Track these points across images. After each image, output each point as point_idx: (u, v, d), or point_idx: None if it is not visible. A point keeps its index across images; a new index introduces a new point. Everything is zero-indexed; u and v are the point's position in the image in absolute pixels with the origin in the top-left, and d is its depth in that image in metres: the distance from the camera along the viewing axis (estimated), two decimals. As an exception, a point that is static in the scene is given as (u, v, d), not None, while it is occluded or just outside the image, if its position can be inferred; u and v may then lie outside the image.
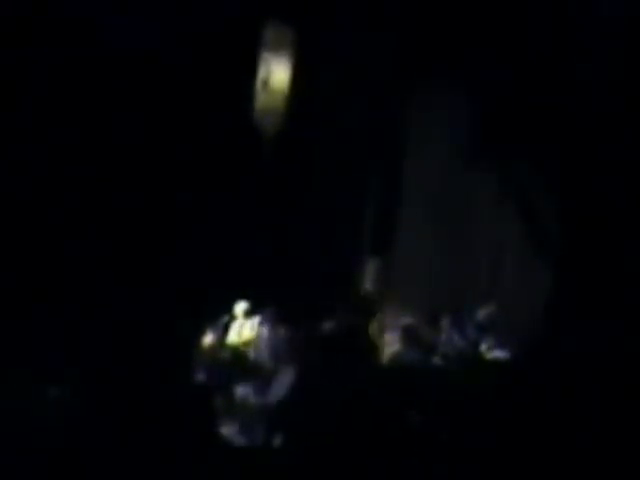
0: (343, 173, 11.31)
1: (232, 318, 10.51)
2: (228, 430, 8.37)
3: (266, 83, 11.04)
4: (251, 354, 10.08)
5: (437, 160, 11.66)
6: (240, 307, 10.51)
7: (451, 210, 11.66)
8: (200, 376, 9.34)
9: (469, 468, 7.45)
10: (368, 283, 11.65)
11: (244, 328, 10.48)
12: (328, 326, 9.97)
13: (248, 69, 10.84)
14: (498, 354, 10.58)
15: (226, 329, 10.45)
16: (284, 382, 9.06)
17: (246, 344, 10.35)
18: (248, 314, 10.49)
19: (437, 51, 11.03)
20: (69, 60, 9.60)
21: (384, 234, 11.63)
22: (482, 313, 11.00)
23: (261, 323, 10.37)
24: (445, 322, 10.82)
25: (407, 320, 10.74)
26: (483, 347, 10.73)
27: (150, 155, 9.85)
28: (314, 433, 7.96)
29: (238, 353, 10.07)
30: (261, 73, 10.98)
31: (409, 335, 10.35)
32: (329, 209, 11.25)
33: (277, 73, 11.09)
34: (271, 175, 10.89)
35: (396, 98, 11.48)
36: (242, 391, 9.17)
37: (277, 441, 8.47)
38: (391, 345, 10.65)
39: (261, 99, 10.99)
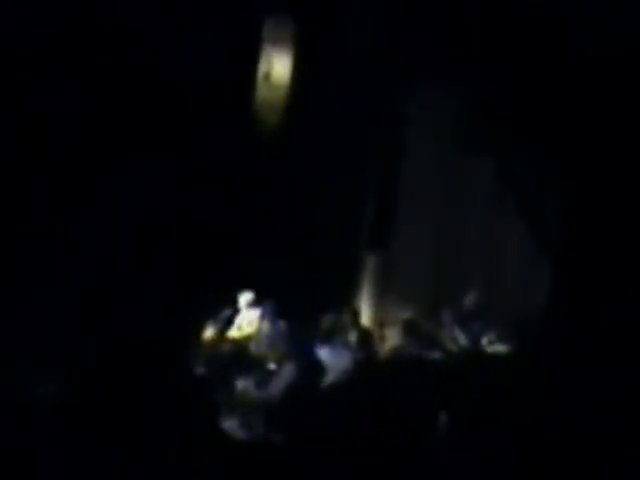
0: (343, 167, 11.32)
1: (233, 311, 10.54)
2: (228, 424, 8.36)
3: (268, 76, 11.02)
4: (252, 347, 10.09)
5: (437, 155, 11.66)
6: (241, 300, 10.53)
7: (451, 204, 11.67)
8: (200, 369, 9.34)
9: (469, 464, 7.44)
10: (368, 277, 11.66)
11: (245, 321, 10.50)
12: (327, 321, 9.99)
13: (250, 62, 10.82)
14: (499, 348, 10.58)
15: (227, 322, 10.47)
16: (285, 376, 9.05)
17: (247, 337, 10.37)
18: (249, 307, 10.52)
19: (435, 45, 11.02)
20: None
21: (384, 228, 11.63)
22: (483, 307, 11.00)
23: (262, 317, 10.39)
24: (446, 316, 10.83)
25: (408, 314, 10.75)
26: (484, 341, 10.73)
27: (150, 148, 9.85)
28: (314, 427, 7.96)
29: (239, 346, 10.08)
30: (262, 66, 10.97)
31: (410, 329, 10.35)
32: (328, 203, 11.26)
33: (279, 66, 11.07)
34: (271, 169, 10.89)
35: (395, 92, 11.48)
36: (242, 384, 9.17)
37: (278, 435, 8.46)
38: (392, 339, 10.67)
39: (262, 92, 10.97)
